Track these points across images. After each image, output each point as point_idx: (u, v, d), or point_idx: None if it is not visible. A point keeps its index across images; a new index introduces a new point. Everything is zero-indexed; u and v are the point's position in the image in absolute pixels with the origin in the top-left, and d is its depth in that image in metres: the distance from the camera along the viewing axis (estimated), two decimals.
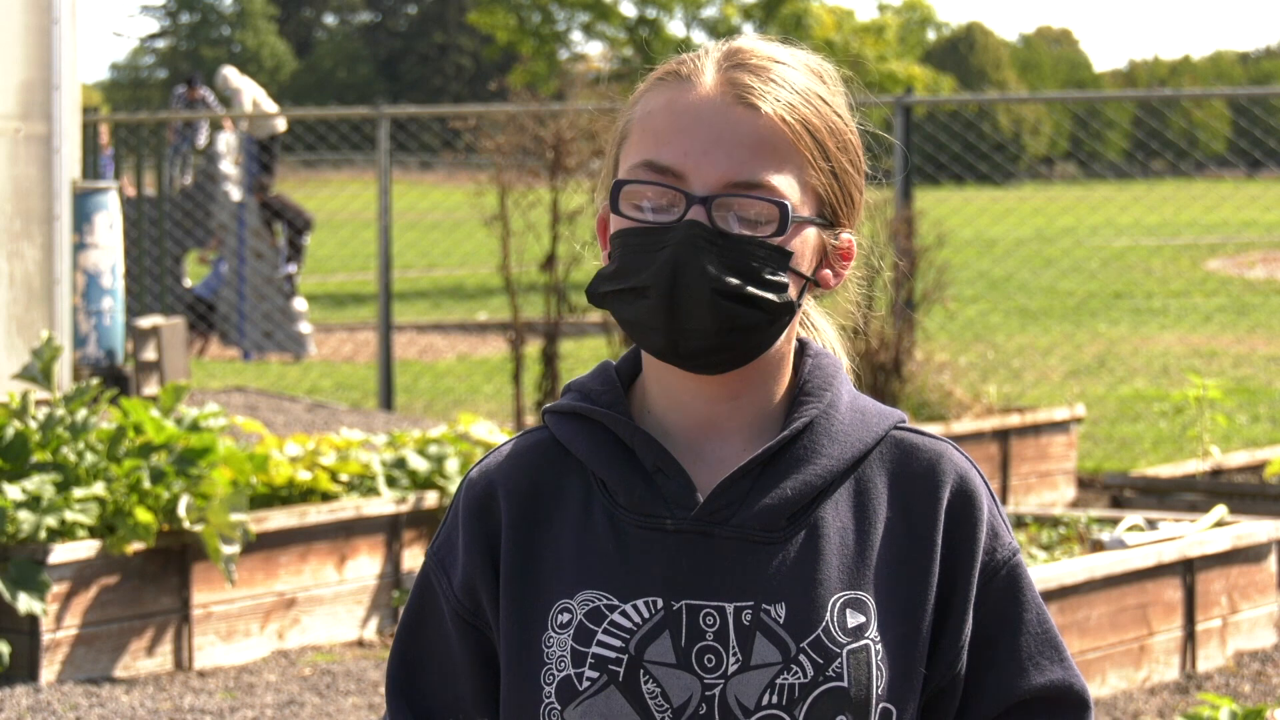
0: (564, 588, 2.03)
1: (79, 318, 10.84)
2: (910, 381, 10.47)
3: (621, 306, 2.04)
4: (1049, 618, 2.10)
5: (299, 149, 24.64)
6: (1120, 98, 25.86)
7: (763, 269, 2.00)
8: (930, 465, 2.07)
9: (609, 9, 35.33)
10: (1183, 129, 33.75)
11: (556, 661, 2.01)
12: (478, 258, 25.03)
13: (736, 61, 2.04)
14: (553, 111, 11.87)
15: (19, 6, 10.02)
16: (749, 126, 2.00)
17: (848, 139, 2.07)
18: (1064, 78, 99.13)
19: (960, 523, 2.06)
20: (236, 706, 6.69)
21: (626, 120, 2.07)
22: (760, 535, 2.02)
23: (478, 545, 2.08)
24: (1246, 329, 19.14)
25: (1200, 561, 7.06)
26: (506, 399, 13.66)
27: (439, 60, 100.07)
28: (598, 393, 2.10)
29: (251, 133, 18.07)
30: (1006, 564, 2.08)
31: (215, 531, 6.93)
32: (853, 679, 1.98)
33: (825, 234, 2.06)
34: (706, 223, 1.98)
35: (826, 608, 2.00)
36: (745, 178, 1.99)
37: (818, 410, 2.07)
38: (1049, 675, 2.08)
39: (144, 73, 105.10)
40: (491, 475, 2.10)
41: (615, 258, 2.03)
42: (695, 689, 1.99)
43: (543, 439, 2.11)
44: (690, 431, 2.07)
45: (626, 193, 2.02)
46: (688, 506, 2.03)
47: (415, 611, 2.14)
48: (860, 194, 2.09)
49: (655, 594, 2.01)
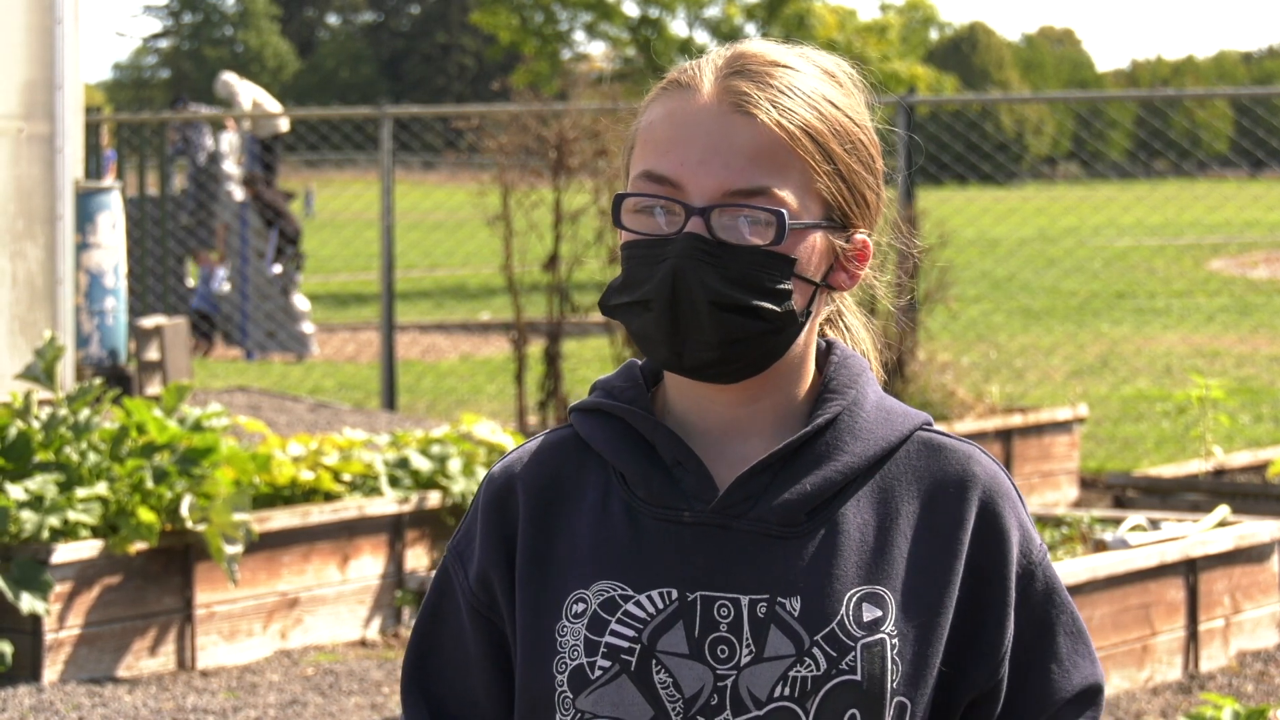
0: (580, 578, 2.04)
1: (82, 317, 10.84)
2: (913, 381, 10.47)
3: (629, 319, 2.05)
4: (1076, 609, 2.11)
5: (302, 149, 24.65)
6: (1123, 98, 25.85)
7: (764, 278, 1.99)
8: (960, 467, 2.07)
9: (612, 9, 35.33)
10: (1186, 129, 33.74)
11: (570, 650, 2.02)
12: (480, 258, 25.04)
13: (737, 68, 2.04)
14: (555, 111, 11.87)
15: (22, 6, 10.02)
16: (746, 135, 2.00)
17: (858, 139, 2.06)
18: (1066, 78, 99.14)
19: (992, 527, 2.06)
20: (239, 706, 6.69)
21: (634, 130, 2.08)
22: (778, 529, 2.02)
23: (494, 537, 2.10)
24: (1249, 329, 19.13)
25: (1203, 561, 7.06)
26: (509, 399, 13.66)
27: (442, 60, 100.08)
28: (621, 389, 2.11)
29: (254, 132, 18.08)
30: (1040, 566, 2.08)
31: (218, 531, 6.93)
32: (866, 673, 1.98)
33: (835, 237, 2.05)
34: (705, 234, 1.99)
35: (842, 601, 2.00)
36: (742, 186, 1.99)
37: (841, 407, 2.07)
38: (1084, 673, 2.09)
39: (146, 73, 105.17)
40: (512, 470, 2.12)
41: (622, 270, 2.04)
42: (708, 680, 1.99)
43: (566, 436, 2.13)
44: (711, 431, 2.07)
45: (629, 205, 2.03)
46: (706, 500, 2.03)
47: (433, 604, 2.15)
48: (876, 194, 2.09)
49: (670, 585, 2.01)
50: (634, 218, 2.03)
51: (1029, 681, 2.07)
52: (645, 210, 2.02)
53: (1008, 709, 2.07)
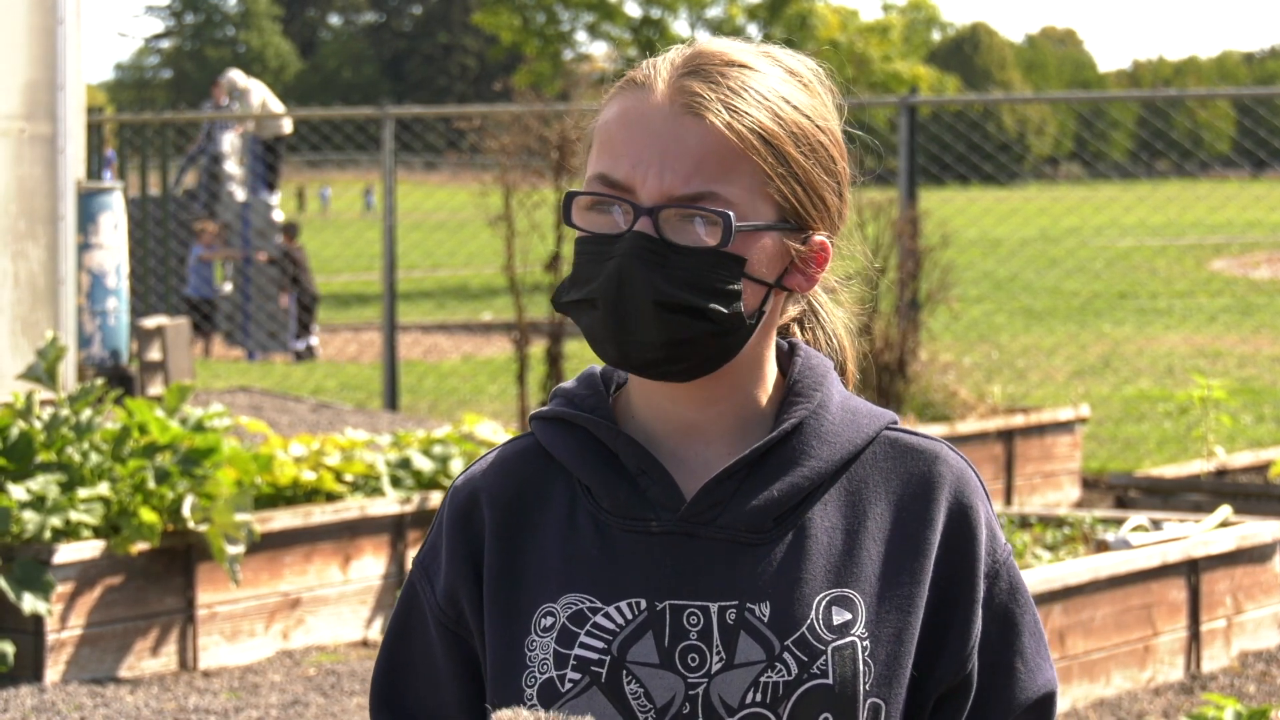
0: (548, 592, 2.03)
1: (84, 318, 10.85)
2: (915, 382, 10.46)
3: (578, 316, 2.04)
4: (1037, 610, 2.11)
5: (304, 149, 24.65)
6: (1125, 98, 25.84)
7: (712, 279, 1.98)
8: (927, 465, 2.06)
9: (613, 9, 35.35)
10: (1187, 129, 33.73)
11: (539, 664, 2.01)
12: (482, 258, 25.04)
13: (692, 68, 2.02)
14: (557, 112, 11.88)
15: (24, 7, 10.02)
16: (695, 137, 1.98)
17: (817, 141, 2.03)
18: (1068, 78, 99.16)
19: (961, 525, 2.05)
20: (241, 707, 6.70)
21: (591, 128, 2.08)
22: (746, 536, 2.01)
23: (460, 552, 2.08)
24: (1251, 329, 19.13)
25: (1205, 562, 7.06)
26: (511, 399, 13.66)
27: (443, 60, 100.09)
28: (582, 398, 2.10)
29: (257, 133, 18.08)
30: (1005, 565, 2.08)
31: (220, 531, 6.93)
32: (838, 676, 1.98)
33: (790, 239, 2.03)
34: (653, 234, 1.98)
35: (811, 606, 1.99)
36: (685, 192, 1.97)
37: (807, 411, 2.05)
38: (1046, 675, 2.09)
39: (148, 73, 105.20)
40: (476, 483, 2.10)
41: (573, 266, 2.04)
42: (679, 688, 1.98)
43: (528, 445, 2.11)
44: (673, 437, 2.06)
45: (580, 202, 2.02)
46: (672, 508, 2.02)
47: (401, 621, 2.14)
48: (838, 197, 2.06)
49: (638, 595, 2.00)
50: (585, 215, 2.02)
51: (995, 680, 2.06)
52: (595, 209, 2.01)
53: (975, 708, 2.06)
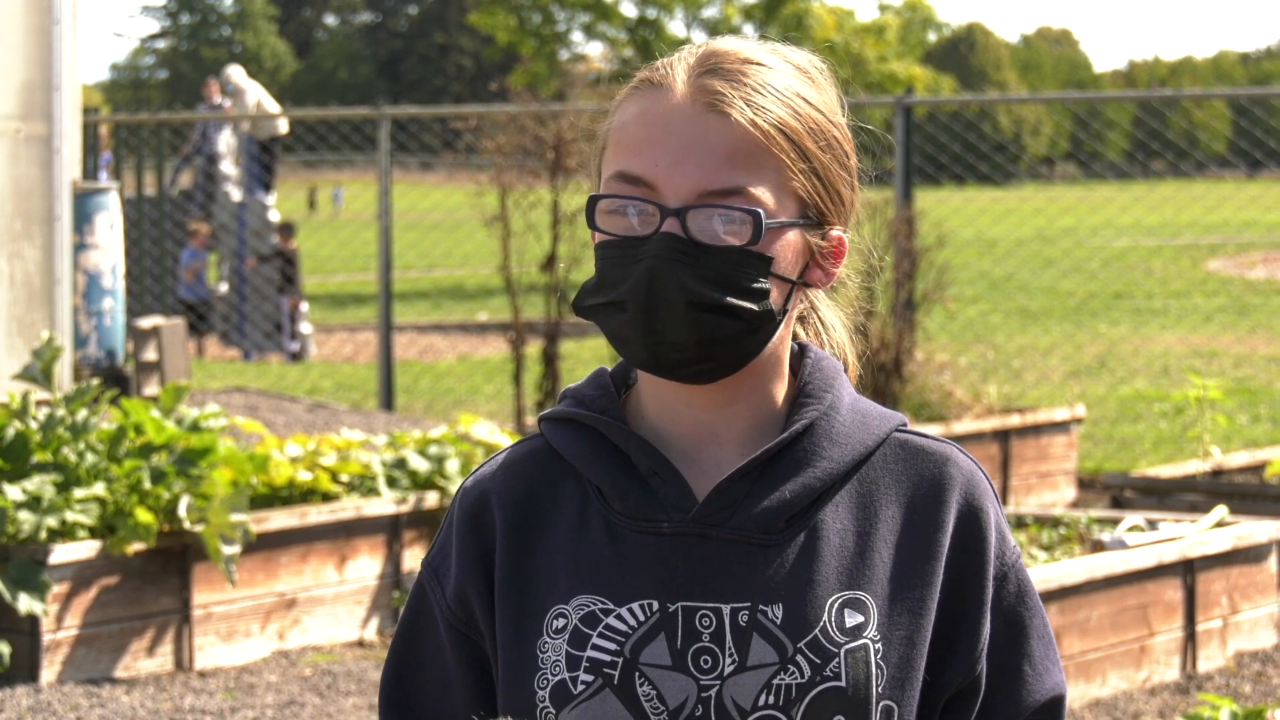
0: (559, 594, 2.02)
1: (79, 318, 10.84)
2: (911, 382, 10.46)
3: (604, 320, 2.03)
4: (1045, 613, 2.11)
5: (300, 149, 24.64)
6: (1120, 98, 25.86)
7: (741, 277, 1.98)
8: (938, 468, 2.06)
9: (610, 9, 35.35)
10: (1183, 129, 33.76)
11: (551, 666, 2.00)
12: (478, 258, 25.04)
13: (710, 66, 2.02)
14: (553, 112, 11.87)
15: (20, 7, 10.02)
16: (719, 135, 1.98)
17: (832, 136, 2.04)
18: (1064, 78, 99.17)
19: (970, 527, 2.05)
20: (237, 707, 6.69)
21: (605, 130, 2.06)
22: (758, 537, 2.01)
23: (471, 554, 2.07)
24: (1247, 329, 19.14)
25: (1201, 562, 7.06)
26: (507, 399, 13.66)
27: (440, 61, 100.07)
28: (592, 399, 2.09)
29: (253, 134, 18.07)
30: (1014, 568, 2.08)
31: (216, 532, 6.93)
32: (850, 679, 1.97)
33: (810, 235, 2.04)
34: (681, 234, 1.97)
35: (824, 608, 1.99)
36: (717, 186, 1.97)
37: (818, 412, 2.05)
38: (1055, 678, 2.09)
39: (144, 73, 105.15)
40: (486, 484, 2.09)
41: (596, 270, 2.03)
42: (691, 690, 1.97)
43: (538, 446, 2.10)
44: (685, 437, 2.06)
45: (603, 206, 2.01)
46: (684, 509, 2.02)
47: (410, 622, 2.13)
48: (851, 191, 2.07)
49: (651, 597, 2.00)
50: (608, 219, 2.01)
51: (1002, 683, 2.06)
52: (618, 211, 2.00)
53: (983, 710, 2.06)
